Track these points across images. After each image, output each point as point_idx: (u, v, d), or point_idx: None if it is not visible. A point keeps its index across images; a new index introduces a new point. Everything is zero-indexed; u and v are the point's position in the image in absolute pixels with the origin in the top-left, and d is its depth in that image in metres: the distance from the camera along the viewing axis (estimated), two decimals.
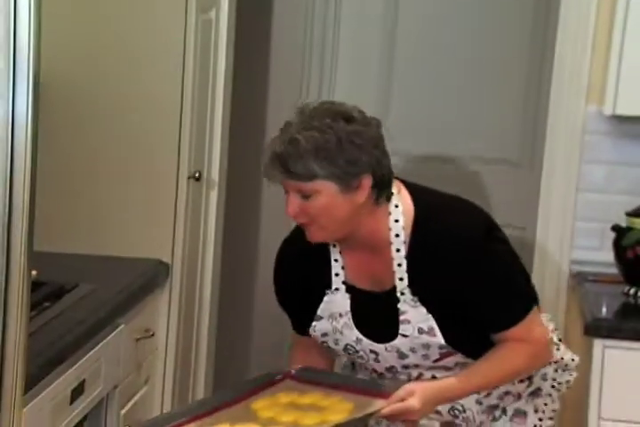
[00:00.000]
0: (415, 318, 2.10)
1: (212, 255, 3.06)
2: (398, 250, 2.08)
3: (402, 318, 2.11)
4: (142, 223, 2.84)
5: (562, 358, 2.29)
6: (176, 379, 2.90)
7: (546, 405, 2.30)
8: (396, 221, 2.08)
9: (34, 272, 1.57)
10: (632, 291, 2.92)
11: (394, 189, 2.09)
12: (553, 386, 2.30)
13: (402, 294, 2.10)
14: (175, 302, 2.87)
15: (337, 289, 2.15)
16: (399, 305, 2.11)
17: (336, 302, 2.16)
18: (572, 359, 2.31)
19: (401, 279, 2.10)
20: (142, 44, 2.78)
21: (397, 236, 2.08)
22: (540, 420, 2.29)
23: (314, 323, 2.17)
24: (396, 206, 2.09)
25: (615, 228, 2.95)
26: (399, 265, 2.09)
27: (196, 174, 2.89)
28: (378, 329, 2.15)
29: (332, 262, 2.15)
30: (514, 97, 3.69)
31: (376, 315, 2.14)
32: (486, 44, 3.64)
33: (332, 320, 2.17)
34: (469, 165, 3.78)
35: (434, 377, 2.17)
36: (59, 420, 2.07)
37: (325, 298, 2.16)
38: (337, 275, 2.15)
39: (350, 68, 3.77)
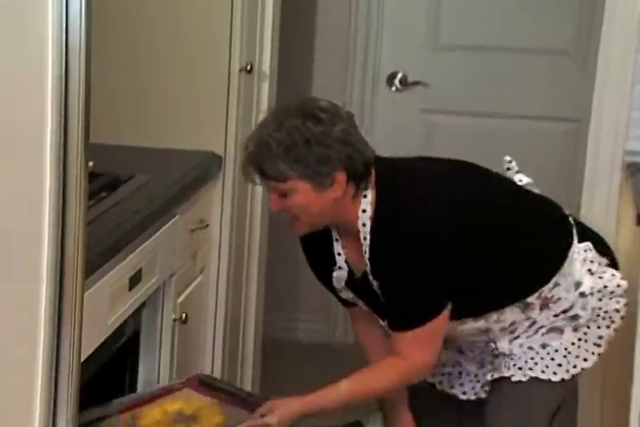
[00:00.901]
0: None
1: None
2: (365, 238, 2.13)
3: (382, 299, 2.18)
4: (195, 116, 2.85)
5: (605, 287, 2.28)
6: (230, 269, 2.96)
7: (589, 328, 2.30)
8: (364, 211, 2.12)
9: (90, 163, 1.59)
10: None
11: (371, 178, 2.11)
12: (598, 315, 2.29)
13: (371, 278, 2.17)
14: (228, 194, 2.90)
15: (340, 268, 2.23)
16: (374, 288, 2.18)
17: (343, 278, 2.24)
18: (618, 285, 2.29)
19: (366, 265, 2.16)
20: None
21: (364, 225, 2.12)
22: (580, 340, 2.29)
23: (340, 294, 2.27)
24: (365, 196, 2.11)
25: None
26: (365, 252, 2.15)
27: (248, 67, 2.89)
28: (376, 306, 2.23)
29: (334, 242, 2.22)
30: None
31: (369, 294, 2.21)
32: None
33: (347, 292, 2.26)
34: (524, 57, 3.73)
35: None
36: (118, 305, 2.13)
37: (334, 274, 2.24)
38: (339, 254, 2.22)
39: None
